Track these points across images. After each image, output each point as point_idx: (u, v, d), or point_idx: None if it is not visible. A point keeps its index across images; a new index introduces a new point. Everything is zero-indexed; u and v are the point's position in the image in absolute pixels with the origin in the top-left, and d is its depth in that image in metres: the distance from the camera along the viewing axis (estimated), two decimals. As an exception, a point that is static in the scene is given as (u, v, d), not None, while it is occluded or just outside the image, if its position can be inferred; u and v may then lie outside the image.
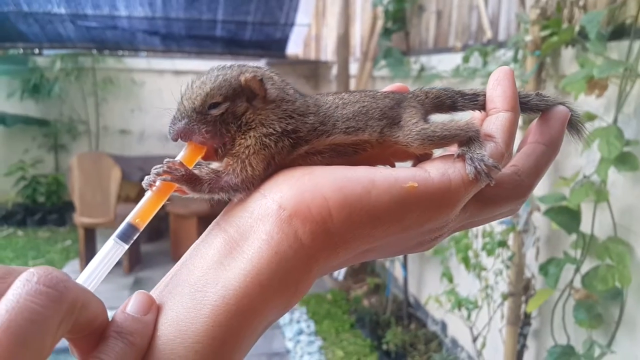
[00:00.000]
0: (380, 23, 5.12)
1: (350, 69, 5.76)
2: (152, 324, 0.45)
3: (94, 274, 0.49)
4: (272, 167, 0.56)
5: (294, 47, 7.23)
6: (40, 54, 8.01)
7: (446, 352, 4.06)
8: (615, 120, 2.34)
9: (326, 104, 0.60)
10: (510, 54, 3.14)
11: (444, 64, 4.03)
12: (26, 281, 0.37)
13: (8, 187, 7.71)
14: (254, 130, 0.57)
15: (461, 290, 3.58)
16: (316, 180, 0.51)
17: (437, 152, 0.63)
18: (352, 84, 5.76)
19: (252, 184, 0.55)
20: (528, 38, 2.81)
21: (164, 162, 0.55)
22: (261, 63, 7.52)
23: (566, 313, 2.63)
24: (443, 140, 0.58)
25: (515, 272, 3.02)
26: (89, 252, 5.91)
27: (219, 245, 0.50)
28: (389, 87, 0.67)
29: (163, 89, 8.20)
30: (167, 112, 0.62)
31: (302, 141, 0.57)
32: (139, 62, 8.26)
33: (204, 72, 0.62)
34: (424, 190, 0.52)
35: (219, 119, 0.57)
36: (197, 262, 0.49)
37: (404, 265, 4.65)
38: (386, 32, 5.07)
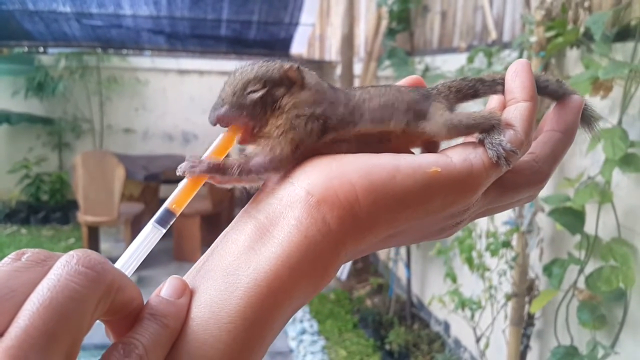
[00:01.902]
0: (384, 23, 5.12)
1: (354, 68, 5.76)
2: (185, 307, 0.47)
3: (133, 258, 0.51)
4: (300, 150, 0.58)
5: (298, 47, 7.25)
6: (45, 52, 8.03)
7: (449, 353, 4.06)
8: (619, 122, 2.34)
9: (355, 97, 0.62)
10: (515, 54, 3.14)
11: (449, 64, 4.04)
12: (66, 262, 0.39)
13: (12, 185, 7.72)
14: (287, 113, 0.59)
15: (465, 290, 3.58)
16: (343, 167, 0.53)
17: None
18: (356, 84, 5.76)
19: (280, 164, 0.57)
20: (533, 39, 2.81)
21: (187, 159, 0.57)
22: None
23: (570, 314, 2.63)
24: (469, 128, 0.60)
25: (519, 272, 3.02)
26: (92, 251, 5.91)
27: (250, 231, 0.51)
28: (404, 80, 0.69)
29: (167, 88, 8.22)
30: (170, 112, 0.64)
31: (330, 129, 0.59)
32: (144, 61, 8.27)
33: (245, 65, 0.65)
34: (447, 175, 0.53)
35: (258, 102, 0.60)
36: (229, 248, 0.51)
37: (407, 266, 4.66)
38: (390, 32, 5.07)
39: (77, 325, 0.37)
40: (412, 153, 0.63)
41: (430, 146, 0.66)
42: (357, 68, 5.88)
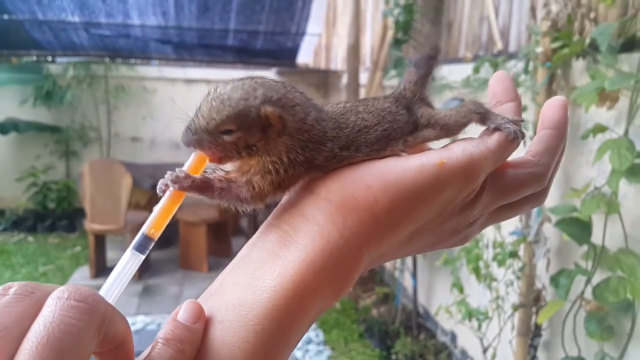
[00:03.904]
0: (390, 33, 5.14)
1: (360, 78, 5.77)
2: (201, 332, 0.47)
3: (114, 286, 0.50)
4: (283, 189, 0.59)
5: (305, 56, 7.27)
6: (53, 61, 8.09)
7: (455, 363, 4.04)
8: (626, 132, 2.34)
9: (347, 127, 0.60)
10: (521, 65, 3.14)
11: (454, 74, 4.04)
12: (57, 298, 0.39)
13: (19, 193, 7.76)
14: (260, 157, 0.57)
15: (472, 300, 3.57)
16: (357, 172, 0.57)
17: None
18: (362, 94, 5.78)
19: (261, 199, 0.59)
20: (539, 49, 2.82)
21: (171, 173, 0.56)
22: (271, 72, 7.56)
23: (577, 324, 2.62)
24: (463, 126, 0.66)
25: (526, 283, 3.02)
26: (99, 259, 5.94)
27: (274, 239, 0.53)
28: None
29: (174, 97, 8.21)
30: (177, 121, 0.63)
31: (318, 167, 0.59)
32: (151, 70, 8.32)
33: (227, 82, 0.58)
34: (452, 165, 0.57)
35: (230, 143, 0.56)
36: (254, 254, 0.53)
37: (414, 275, 4.64)
38: (397, 42, 5.08)
39: (77, 358, 0.37)
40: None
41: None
42: (363, 77, 5.90)
